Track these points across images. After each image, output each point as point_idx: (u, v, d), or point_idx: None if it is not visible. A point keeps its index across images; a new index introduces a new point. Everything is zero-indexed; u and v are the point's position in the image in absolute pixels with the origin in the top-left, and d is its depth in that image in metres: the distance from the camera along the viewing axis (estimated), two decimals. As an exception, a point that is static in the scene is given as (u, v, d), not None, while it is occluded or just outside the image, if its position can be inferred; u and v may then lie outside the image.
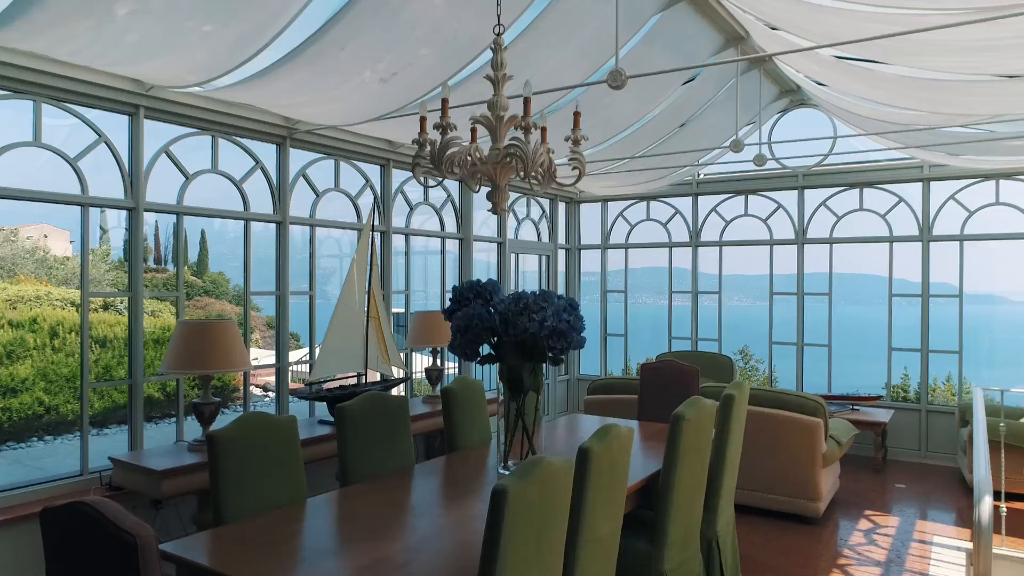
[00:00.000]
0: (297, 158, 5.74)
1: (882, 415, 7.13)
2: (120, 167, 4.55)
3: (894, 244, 7.66)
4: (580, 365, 9.63)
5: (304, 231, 5.82)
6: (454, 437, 3.93)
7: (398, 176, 6.75)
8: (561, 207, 9.42)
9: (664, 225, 9.04)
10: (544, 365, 3.42)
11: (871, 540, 5.00)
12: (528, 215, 8.82)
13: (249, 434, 2.86)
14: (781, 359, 8.42)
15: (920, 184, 7.50)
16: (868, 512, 5.64)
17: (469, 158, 3.05)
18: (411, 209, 6.94)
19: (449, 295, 3.47)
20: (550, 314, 3.12)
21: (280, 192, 5.58)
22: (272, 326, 7.24)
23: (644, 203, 9.17)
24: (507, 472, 3.37)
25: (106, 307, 12.95)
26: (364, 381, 5.41)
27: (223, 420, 3.43)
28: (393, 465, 3.51)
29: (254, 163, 5.45)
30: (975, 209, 7.28)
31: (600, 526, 2.65)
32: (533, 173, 3.14)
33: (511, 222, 8.43)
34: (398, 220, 6.77)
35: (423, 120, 3.15)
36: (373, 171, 6.49)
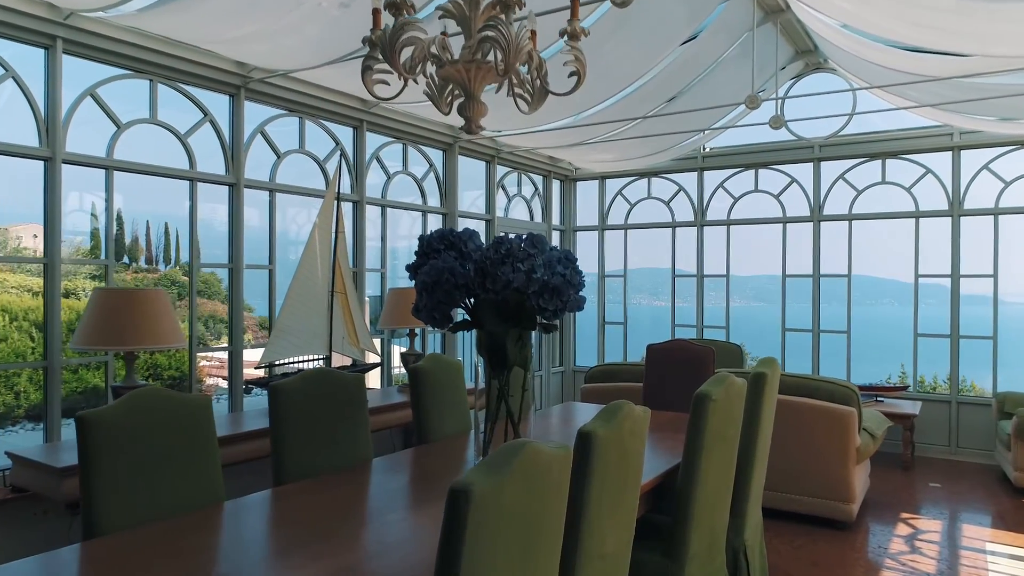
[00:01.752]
0: (254, 113, 5.04)
1: (910, 407, 6.45)
2: (33, 110, 3.84)
3: (920, 220, 6.98)
4: (575, 355, 8.93)
5: (273, 203, 5.11)
6: (425, 426, 3.23)
7: (374, 140, 6.05)
8: (556, 185, 8.73)
9: (667, 204, 8.35)
10: (533, 334, 2.73)
11: (914, 548, 4.32)
12: (520, 192, 8.12)
13: (136, 420, 2.15)
14: (793, 349, 7.73)
15: (950, 153, 6.82)
16: (904, 515, 4.96)
17: (434, 55, 2.34)
18: (388, 178, 6.24)
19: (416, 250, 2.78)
20: (540, 264, 2.42)
21: (233, 150, 4.87)
22: (265, 326, 6.53)
23: (645, 180, 8.48)
24: (486, 468, 2.67)
25: (67, 294, 12.18)
26: (330, 367, 4.70)
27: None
28: (344, 459, 2.80)
29: (203, 115, 4.73)
30: (1011, 180, 6.61)
31: (606, 538, 1.96)
32: (517, 82, 2.44)
33: (501, 199, 7.73)
34: (373, 190, 6.08)
35: (376, 13, 2.45)
36: (345, 133, 5.78)
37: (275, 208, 5.19)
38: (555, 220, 8.71)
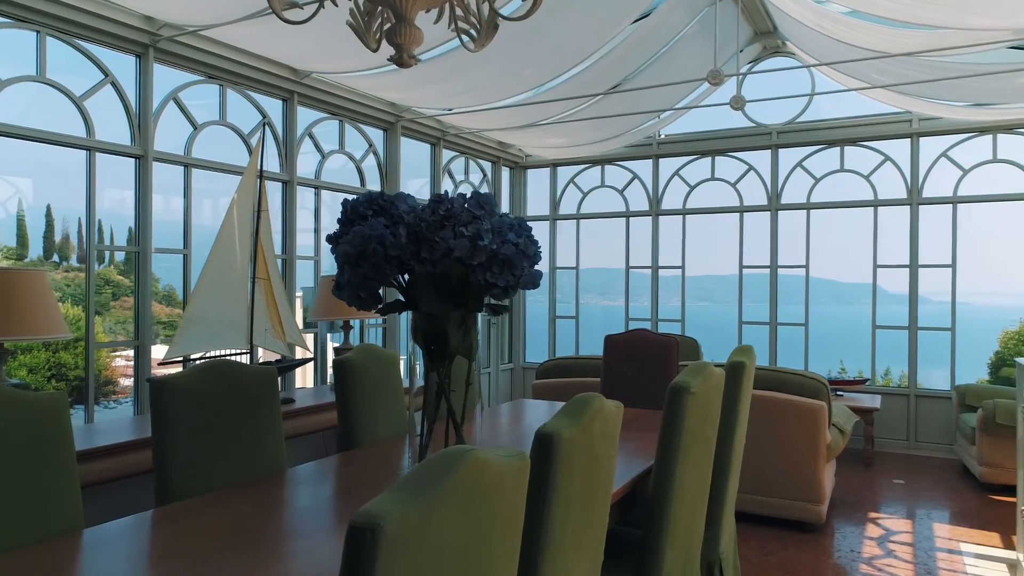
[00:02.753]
0: (166, 77, 4.46)
1: (869, 400, 6.24)
2: None
3: (879, 209, 6.80)
4: (525, 351, 8.52)
5: (189, 179, 4.54)
6: (354, 428, 2.75)
7: (306, 115, 5.52)
8: (505, 172, 8.30)
9: (621, 192, 8.02)
10: (480, 318, 2.30)
11: (888, 551, 4.04)
12: (467, 178, 7.67)
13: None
14: (749, 343, 7.47)
15: (908, 140, 6.66)
16: (873, 515, 4.70)
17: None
18: (323, 157, 5.71)
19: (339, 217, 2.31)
20: (487, 229, 1.99)
21: (140, 119, 4.29)
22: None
23: (598, 167, 8.12)
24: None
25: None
26: (253, 362, 4.16)
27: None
28: (250, 471, 2.31)
29: (103, 76, 4.14)
30: (970, 168, 6.47)
31: (572, 571, 1.53)
32: (460, 7, 2.00)
33: (447, 186, 7.27)
34: (306, 170, 5.54)
35: (283, -85, 1.97)
36: (273, 106, 5.23)
37: (191, 185, 4.62)
38: (504, 209, 8.28)
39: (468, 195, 2.03)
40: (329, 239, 2.27)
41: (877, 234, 6.78)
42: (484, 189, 8.00)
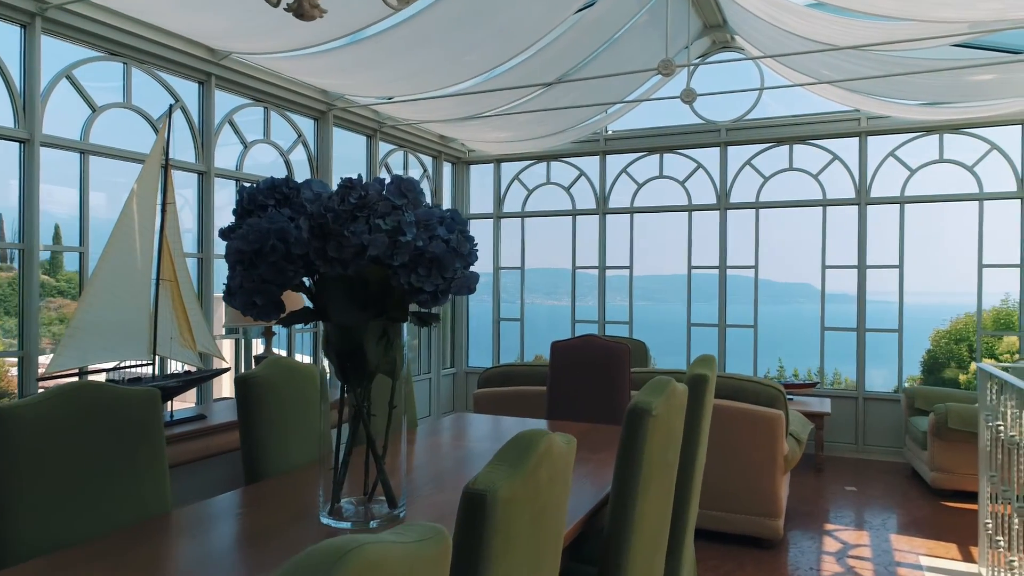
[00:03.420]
0: (56, 53, 3.94)
1: (818, 404, 6.11)
2: None
3: (828, 208, 6.69)
4: (468, 355, 8.16)
5: (86, 167, 4.02)
6: (259, 457, 2.34)
7: (226, 100, 5.04)
8: (446, 168, 7.92)
9: (567, 190, 7.73)
10: (405, 327, 1.94)
11: (848, 568, 3.83)
12: (405, 173, 7.26)
13: None
14: (697, 345, 7.29)
15: (857, 139, 6.56)
16: (829, 527, 4.51)
17: None
18: (245, 147, 5.23)
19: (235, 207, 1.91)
20: (411, 222, 1.63)
21: (27, 99, 3.77)
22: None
23: (544, 164, 7.82)
24: (338, 524, 1.85)
25: None
26: (156, 372, 3.69)
27: None
28: (122, 516, 1.89)
29: (-22, 48, 3.61)
30: (917, 167, 6.41)
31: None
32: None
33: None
34: (225, 160, 5.06)
35: None
36: (187, 89, 4.74)
37: (88, 174, 4.11)
38: (446, 207, 7.89)
39: (389, 180, 1.67)
40: (222, 234, 1.87)
41: (826, 234, 6.67)
42: (425, 186, 7.60)
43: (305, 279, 1.85)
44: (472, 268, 1.82)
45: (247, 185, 1.85)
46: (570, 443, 1.39)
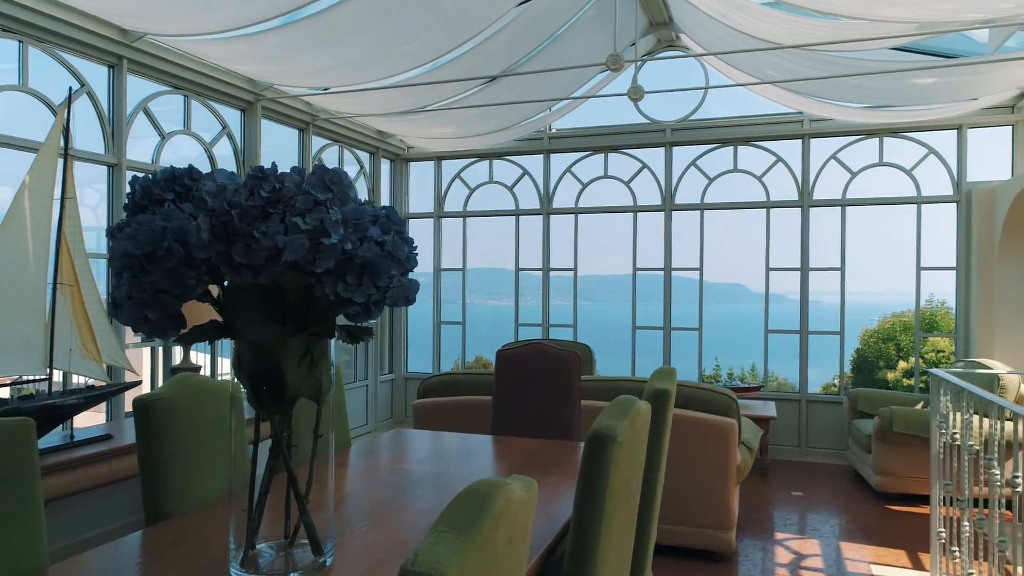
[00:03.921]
0: (-62, 25, 3.49)
1: (762, 408, 6.05)
2: None
3: (771, 210, 6.67)
4: (407, 360, 7.85)
5: None
6: (160, 493, 2.01)
7: (140, 87, 4.62)
8: (385, 165, 7.59)
9: (510, 189, 7.51)
10: (333, 343, 1.66)
11: (802, 579, 3.73)
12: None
13: None
14: (640, 347, 7.18)
15: (800, 141, 6.56)
16: (779, 535, 4.41)
17: None
18: (163, 139, 4.81)
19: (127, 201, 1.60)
20: (336, 220, 1.36)
21: (-101, 76, 3.30)
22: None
23: (486, 162, 7.58)
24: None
25: None
26: (54, 388, 3.28)
27: None
28: (-16, 576, 1.56)
29: None
30: (858, 170, 6.44)
31: None
32: None
33: (319, 177, 6.47)
34: (140, 152, 4.64)
35: None
36: (95, 73, 4.31)
37: (-25, 165, 3.65)
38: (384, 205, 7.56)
39: (312, 170, 1.39)
40: (109, 233, 1.56)
41: (770, 236, 6.64)
42: (362, 183, 7.26)
43: (215, 287, 1.57)
44: (412, 275, 1.56)
45: (140, 175, 1.54)
46: (531, 489, 1.15)
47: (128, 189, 1.59)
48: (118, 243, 1.46)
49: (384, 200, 7.59)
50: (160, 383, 4.91)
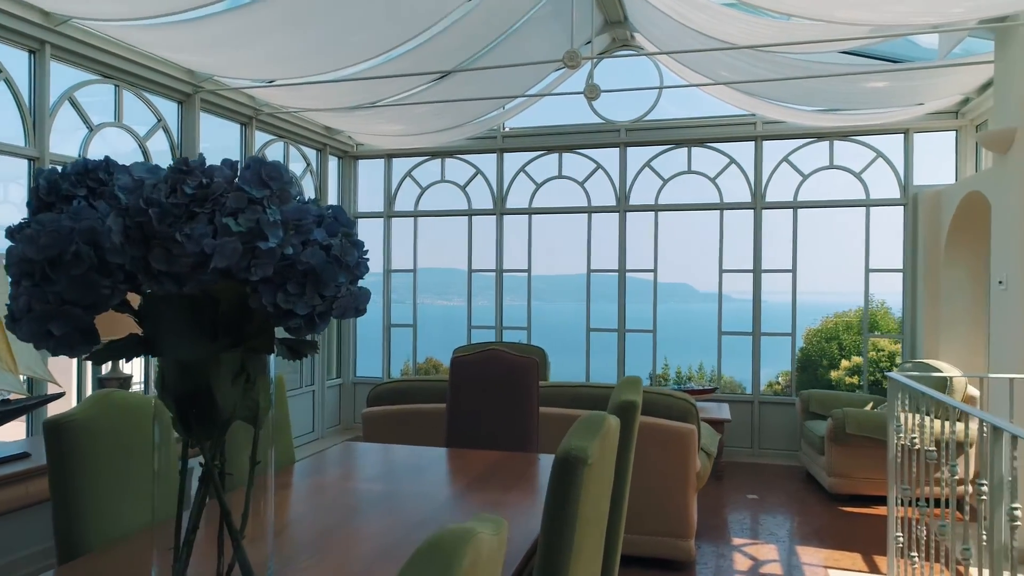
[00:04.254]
0: None
1: (716, 410, 6.03)
2: None
3: (725, 212, 6.67)
4: (356, 363, 7.61)
5: None
6: (74, 526, 1.79)
7: (65, 75, 4.30)
8: (332, 163, 7.34)
9: (463, 189, 7.35)
10: (273, 359, 1.49)
11: (762, 587, 3.67)
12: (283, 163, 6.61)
13: None
14: (594, 349, 7.10)
15: (752, 143, 6.57)
16: (737, 541, 4.37)
17: None
18: (91, 131, 4.50)
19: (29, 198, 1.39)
20: (275, 221, 1.18)
21: None
22: None
23: (438, 160, 7.40)
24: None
25: None
26: (-36, 404, 2.98)
27: None
28: None
29: None
30: (809, 173, 6.49)
31: None
32: None
33: (262, 174, 6.19)
34: (66, 144, 4.32)
35: None
36: (14, 58, 3.98)
37: None
38: (331, 203, 7.30)
39: (247, 163, 1.22)
40: (8, 233, 1.35)
41: (723, 238, 6.64)
42: (308, 181, 7.00)
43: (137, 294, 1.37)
44: (362, 282, 1.40)
45: (48, 168, 1.34)
46: (500, 532, 1.00)
47: (31, 184, 1.38)
48: (15, 246, 1.25)
49: (332, 199, 7.34)
50: (89, 393, 4.59)
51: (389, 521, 2.01)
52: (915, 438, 3.23)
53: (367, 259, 1.37)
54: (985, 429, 2.47)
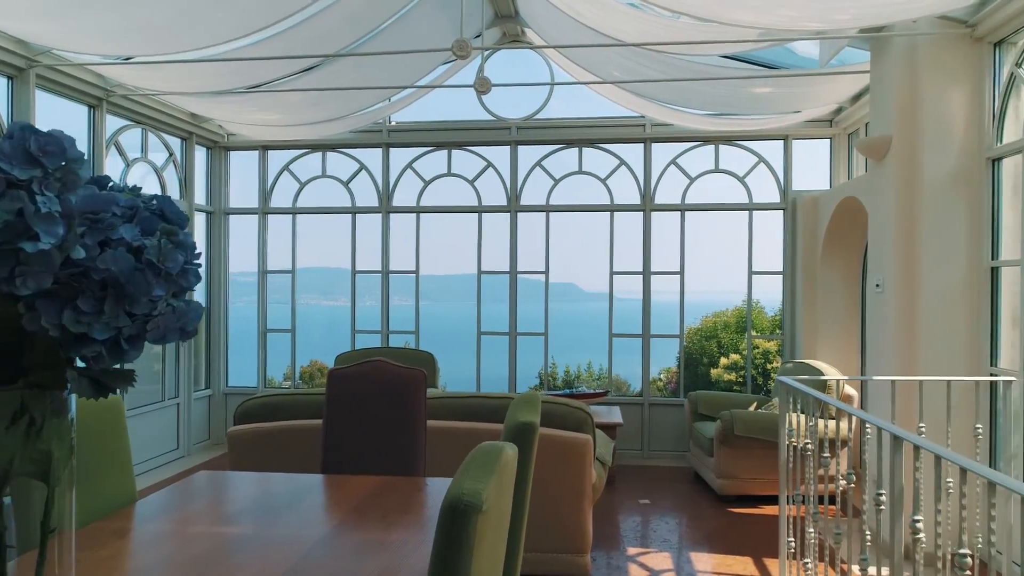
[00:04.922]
0: None
1: (608, 414, 5.97)
2: None
3: (615, 213, 6.63)
4: (228, 372, 7.02)
5: None
6: None
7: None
8: (200, 153, 6.72)
9: (346, 185, 6.94)
10: (73, 398, 1.14)
11: (658, 600, 3.56)
12: (145, 156, 5.98)
13: None
14: (484, 350, 6.89)
15: (642, 145, 6.57)
16: (631, 551, 4.27)
17: None
18: None
19: None
20: (45, 212, 0.85)
21: None
22: None
23: (319, 154, 6.95)
24: None
25: None
26: None
27: None
28: None
29: None
30: (696, 176, 6.56)
31: None
32: None
33: (115, 164, 5.55)
34: None
35: None
36: None
37: None
38: (199, 199, 6.69)
39: (6, 134, 0.87)
40: None
41: (614, 240, 6.60)
42: (171, 173, 6.36)
43: None
44: (193, 294, 1.08)
45: None
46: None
47: None
48: None
49: (199, 193, 6.71)
50: None
51: (251, 573, 1.67)
52: (808, 443, 3.21)
53: (198, 265, 1.05)
54: (876, 434, 2.43)
